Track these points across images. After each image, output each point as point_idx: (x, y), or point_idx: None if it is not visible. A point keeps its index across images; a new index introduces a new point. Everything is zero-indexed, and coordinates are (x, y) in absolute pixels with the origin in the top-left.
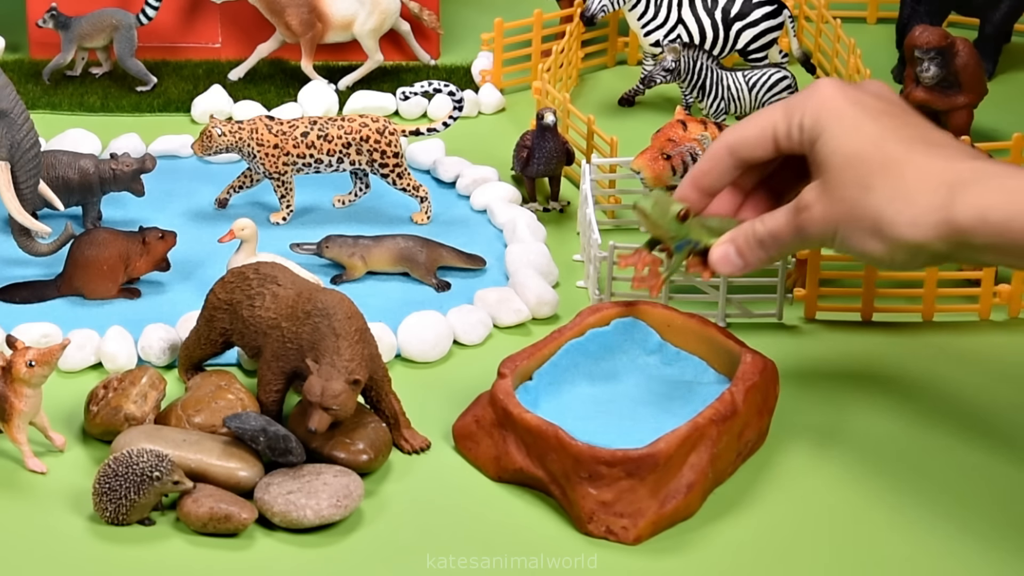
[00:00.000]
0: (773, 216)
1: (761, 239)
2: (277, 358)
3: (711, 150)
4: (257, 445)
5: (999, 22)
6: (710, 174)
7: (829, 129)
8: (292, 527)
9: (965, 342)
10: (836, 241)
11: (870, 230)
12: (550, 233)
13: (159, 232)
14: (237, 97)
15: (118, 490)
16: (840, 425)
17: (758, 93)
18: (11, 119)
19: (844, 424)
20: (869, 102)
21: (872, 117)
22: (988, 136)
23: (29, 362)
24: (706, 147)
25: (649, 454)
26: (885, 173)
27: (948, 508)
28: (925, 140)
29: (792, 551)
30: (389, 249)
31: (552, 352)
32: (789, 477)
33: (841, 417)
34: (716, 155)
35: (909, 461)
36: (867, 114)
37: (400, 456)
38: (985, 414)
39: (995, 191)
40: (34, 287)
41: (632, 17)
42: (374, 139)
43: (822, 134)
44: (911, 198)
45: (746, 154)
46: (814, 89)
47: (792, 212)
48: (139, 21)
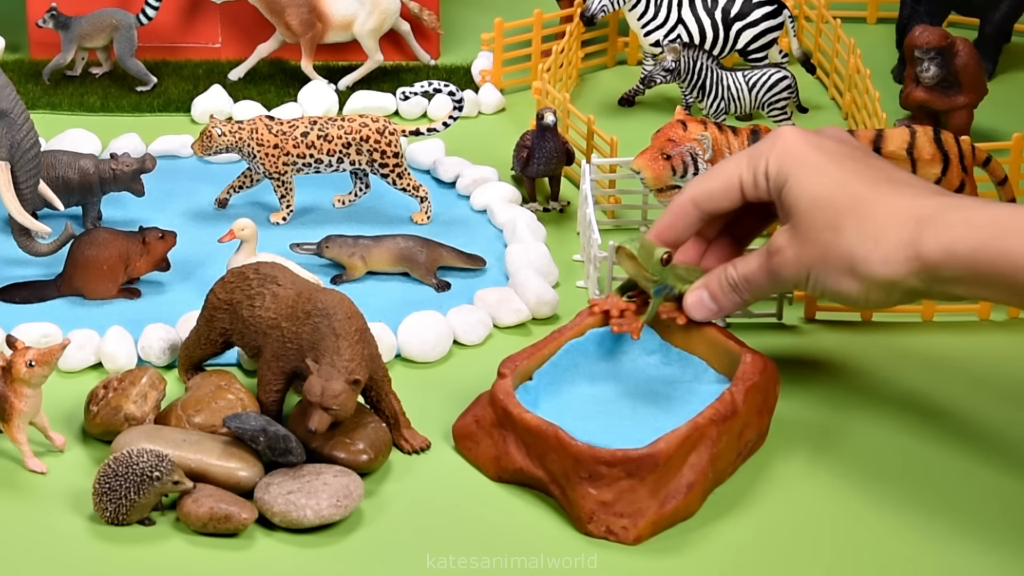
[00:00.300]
0: (745, 261)
1: (735, 284)
2: (277, 358)
3: (676, 204)
4: (257, 445)
5: (999, 22)
6: (675, 228)
7: (794, 174)
8: (292, 527)
9: (965, 342)
10: (810, 283)
11: (844, 270)
12: (550, 233)
13: (159, 232)
14: (237, 97)
15: (118, 490)
16: (840, 425)
17: (758, 93)
18: (11, 119)
19: (844, 424)
20: (831, 147)
21: (835, 161)
22: (988, 136)
23: (29, 362)
24: (706, 147)
25: (649, 454)
26: (853, 213)
27: (948, 508)
28: (889, 179)
29: (792, 551)
30: (389, 249)
31: (552, 352)
32: (789, 477)
33: (841, 417)
34: (681, 209)
35: (909, 462)
36: (830, 158)
37: (400, 456)
38: (985, 414)
39: (960, 225)
40: (34, 287)
41: (632, 17)
42: (374, 139)
43: (788, 179)
44: (881, 236)
45: (712, 207)
46: (776, 137)
47: (764, 256)
48: (139, 21)
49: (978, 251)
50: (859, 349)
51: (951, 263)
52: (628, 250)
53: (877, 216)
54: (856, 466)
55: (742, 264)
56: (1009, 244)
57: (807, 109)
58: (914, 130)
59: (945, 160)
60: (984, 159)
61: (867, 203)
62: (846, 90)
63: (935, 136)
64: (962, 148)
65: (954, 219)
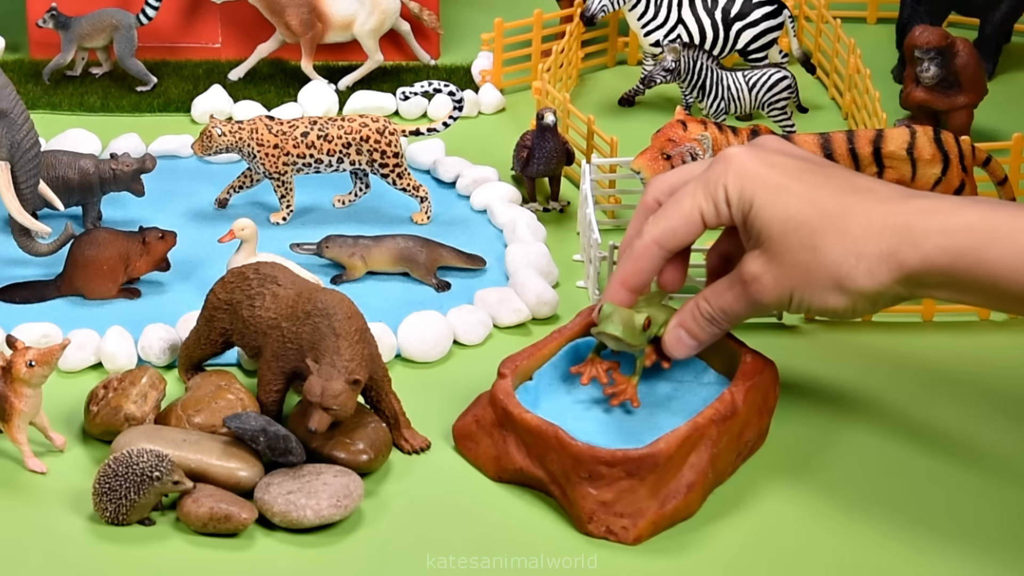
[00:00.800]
0: (717, 293)
1: (711, 317)
2: (277, 358)
3: (640, 248)
4: (257, 445)
5: (999, 22)
6: (641, 273)
7: (758, 198)
8: (292, 527)
9: (965, 342)
10: (793, 303)
11: (829, 287)
12: (550, 233)
13: (159, 232)
14: (237, 97)
15: (118, 490)
16: (840, 425)
17: (758, 93)
18: (11, 119)
19: (844, 424)
20: (782, 161)
21: (795, 176)
22: (988, 136)
23: (29, 362)
24: (706, 147)
25: (649, 454)
26: (829, 231)
27: (948, 508)
28: (852, 188)
29: (792, 551)
30: (389, 249)
31: (552, 352)
32: (789, 477)
33: (841, 417)
34: (646, 252)
35: (909, 461)
36: (789, 174)
37: (400, 456)
38: (985, 414)
39: (936, 234)
40: (34, 287)
41: (632, 17)
42: (374, 139)
43: (753, 203)
44: (861, 250)
45: (675, 244)
46: (726, 160)
47: (738, 285)
48: (139, 21)
49: (956, 260)
50: (859, 349)
51: (931, 272)
52: (614, 333)
53: (853, 230)
54: (856, 466)
55: (715, 297)
56: (985, 253)
57: (807, 109)
58: (914, 130)
59: (945, 160)
60: (984, 159)
61: (840, 218)
62: (846, 90)
63: (935, 136)
64: (962, 148)
65: (930, 226)
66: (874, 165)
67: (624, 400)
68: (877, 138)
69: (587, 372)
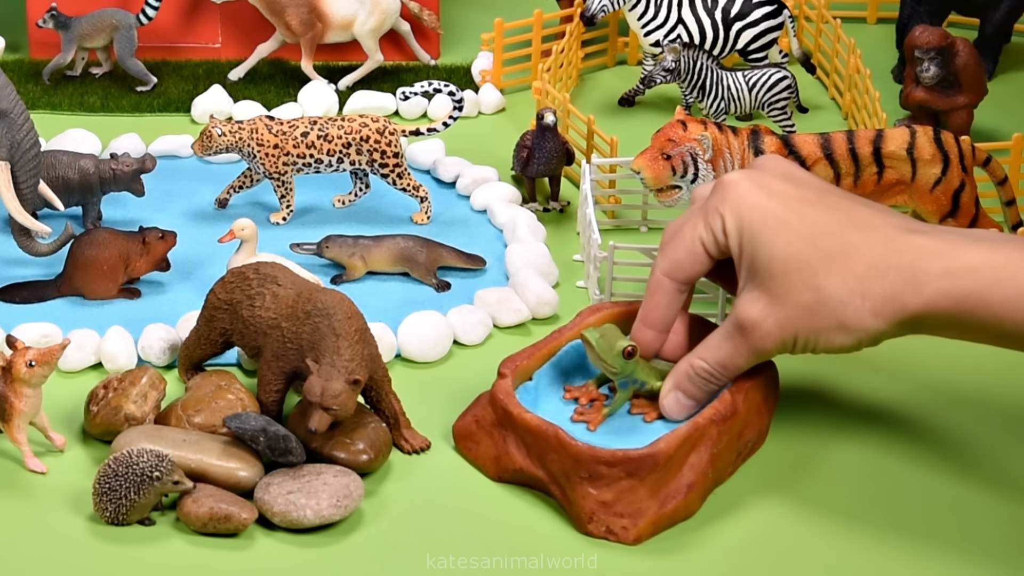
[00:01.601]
0: (712, 348)
1: (709, 375)
2: (277, 358)
3: (652, 285)
4: (257, 445)
5: (999, 22)
6: (657, 308)
7: (758, 235)
8: (292, 527)
9: (965, 344)
10: (798, 346)
11: (835, 328)
12: (550, 233)
13: (159, 232)
14: (237, 97)
15: (118, 490)
16: (840, 425)
17: (758, 93)
18: (11, 119)
19: (844, 424)
20: (782, 189)
21: (794, 209)
22: (988, 136)
23: (29, 362)
24: (706, 147)
25: (649, 454)
26: (831, 271)
27: (950, 508)
28: (853, 224)
29: (792, 551)
30: (389, 249)
31: (552, 352)
32: (789, 477)
33: (842, 417)
34: (657, 287)
35: (910, 462)
36: (789, 207)
37: (400, 456)
38: (985, 413)
39: (939, 278)
40: (34, 287)
41: (632, 17)
42: (374, 139)
43: (753, 241)
44: (865, 291)
45: (685, 276)
46: (724, 188)
47: (737, 336)
48: (139, 21)
49: (960, 303)
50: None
51: (935, 315)
52: (588, 338)
53: (856, 271)
54: (856, 467)
55: (709, 352)
56: (988, 296)
57: (807, 109)
58: (914, 130)
59: (945, 160)
60: (984, 159)
61: (842, 259)
62: (846, 90)
63: (935, 136)
64: (962, 148)
65: (933, 269)
66: (874, 165)
67: (582, 420)
68: (877, 138)
69: (574, 392)
